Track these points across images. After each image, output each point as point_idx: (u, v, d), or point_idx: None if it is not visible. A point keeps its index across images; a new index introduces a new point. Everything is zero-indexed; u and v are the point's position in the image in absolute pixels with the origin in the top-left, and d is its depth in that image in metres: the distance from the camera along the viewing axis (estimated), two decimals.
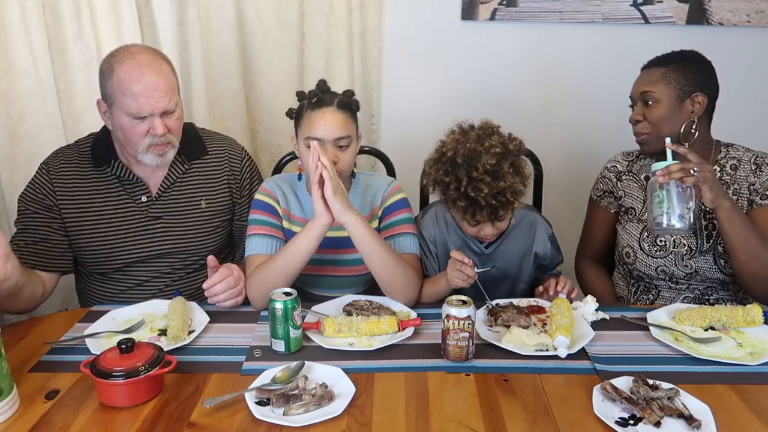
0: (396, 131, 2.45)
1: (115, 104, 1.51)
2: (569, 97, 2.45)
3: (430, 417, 1.11)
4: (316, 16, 2.22)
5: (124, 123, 1.52)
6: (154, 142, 1.53)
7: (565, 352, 1.28)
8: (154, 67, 1.50)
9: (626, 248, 1.73)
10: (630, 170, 1.76)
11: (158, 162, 1.57)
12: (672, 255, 1.67)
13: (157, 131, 1.51)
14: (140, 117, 1.50)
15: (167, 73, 1.54)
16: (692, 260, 1.66)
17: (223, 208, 1.73)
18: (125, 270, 1.65)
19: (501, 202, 1.41)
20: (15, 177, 2.00)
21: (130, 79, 1.48)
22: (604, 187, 1.80)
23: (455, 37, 2.36)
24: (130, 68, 1.48)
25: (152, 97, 1.48)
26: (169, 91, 1.52)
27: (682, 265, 1.66)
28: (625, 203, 1.75)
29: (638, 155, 1.77)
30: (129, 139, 1.54)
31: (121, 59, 1.50)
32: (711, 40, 2.32)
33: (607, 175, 1.79)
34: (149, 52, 1.54)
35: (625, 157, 1.79)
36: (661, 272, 1.69)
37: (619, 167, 1.78)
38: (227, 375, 1.24)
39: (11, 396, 1.12)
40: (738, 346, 1.35)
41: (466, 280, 1.45)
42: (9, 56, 1.94)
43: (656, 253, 1.68)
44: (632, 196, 1.74)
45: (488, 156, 1.40)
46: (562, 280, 1.54)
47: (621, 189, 1.76)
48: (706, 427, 1.07)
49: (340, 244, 1.60)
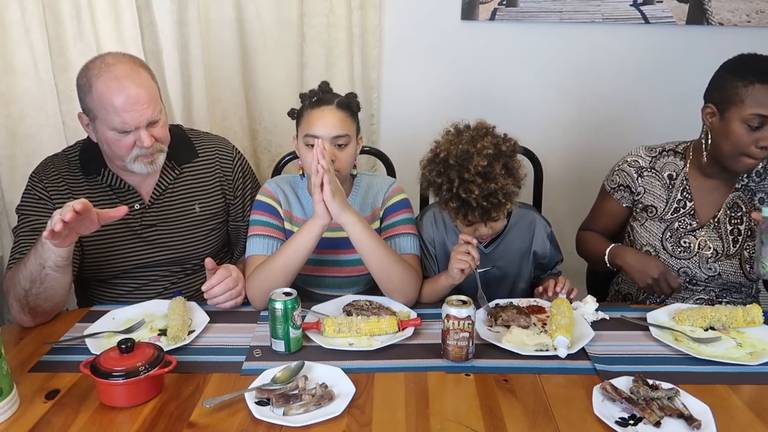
0: (396, 131, 2.45)
1: (98, 119, 1.47)
2: (569, 97, 2.45)
3: (430, 417, 1.11)
4: (316, 16, 2.22)
5: (109, 137, 1.48)
6: (141, 153, 1.50)
7: (565, 352, 1.28)
8: (134, 78, 1.45)
9: (646, 247, 1.69)
10: (653, 167, 1.69)
11: (149, 170, 1.54)
12: (696, 257, 1.64)
13: (144, 143, 1.47)
14: (125, 131, 1.46)
15: (147, 82, 1.49)
16: (717, 263, 1.64)
17: (218, 211, 1.72)
18: (123, 276, 1.64)
19: (492, 204, 1.41)
20: (15, 177, 2.01)
21: (110, 93, 1.43)
22: (620, 181, 1.73)
23: (455, 37, 2.36)
24: (109, 82, 1.43)
25: (135, 111, 1.44)
26: (151, 101, 1.47)
27: (705, 268, 1.64)
28: (644, 200, 1.70)
29: (661, 152, 1.70)
30: (115, 152, 1.51)
31: (98, 73, 1.45)
32: (711, 40, 2.33)
33: (627, 169, 1.71)
34: (126, 62, 1.48)
35: (648, 153, 1.71)
36: (683, 273, 1.66)
37: (641, 162, 1.70)
38: (227, 375, 1.24)
39: (11, 396, 1.12)
40: (738, 346, 1.35)
41: (471, 262, 1.45)
42: (9, 56, 1.94)
43: (680, 254, 1.65)
44: (653, 194, 1.69)
45: (480, 157, 1.40)
46: (562, 280, 1.54)
47: (641, 185, 1.70)
48: (706, 427, 1.06)
49: (340, 245, 1.60)
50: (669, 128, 2.40)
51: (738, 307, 1.44)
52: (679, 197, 1.67)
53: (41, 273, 1.36)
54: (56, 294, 1.42)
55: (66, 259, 1.37)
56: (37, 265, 1.36)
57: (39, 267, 1.36)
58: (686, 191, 1.67)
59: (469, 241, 1.46)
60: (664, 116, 2.43)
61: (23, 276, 1.38)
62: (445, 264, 1.51)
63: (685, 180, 1.67)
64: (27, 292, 1.39)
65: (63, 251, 1.34)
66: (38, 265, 1.36)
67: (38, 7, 1.93)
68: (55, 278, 1.38)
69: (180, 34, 2.14)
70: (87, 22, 2.00)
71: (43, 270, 1.36)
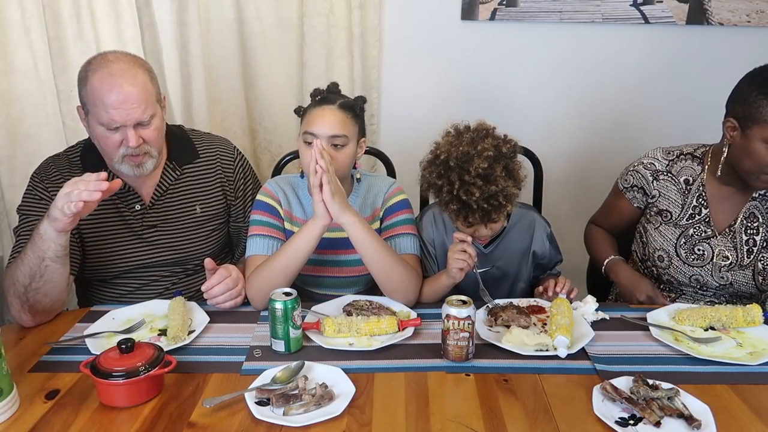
0: (396, 131, 2.45)
1: (90, 113, 1.48)
2: (569, 96, 2.45)
3: (430, 417, 1.11)
4: (316, 16, 2.22)
5: (98, 132, 1.49)
6: (128, 153, 1.49)
7: (565, 352, 1.28)
8: (128, 77, 1.45)
9: (659, 251, 1.68)
10: (669, 170, 1.66)
11: (135, 173, 1.53)
12: (710, 265, 1.63)
13: (129, 143, 1.47)
14: (113, 128, 1.46)
15: (142, 83, 1.48)
16: (729, 272, 1.63)
17: (219, 212, 1.72)
18: (124, 276, 1.64)
19: (493, 206, 1.41)
20: (15, 177, 2.01)
21: (101, 89, 1.43)
22: (634, 181, 1.70)
23: (455, 37, 2.36)
24: (103, 78, 1.44)
25: (123, 109, 1.44)
26: (142, 102, 1.46)
27: (718, 276, 1.63)
28: (659, 204, 1.68)
29: (678, 155, 1.67)
30: (104, 148, 1.51)
31: (95, 68, 1.46)
32: (711, 40, 2.33)
33: (642, 171, 1.68)
34: (126, 60, 1.49)
35: (665, 156, 1.67)
36: (694, 280, 1.65)
37: (657, 165, 1.67)
38: (227, 375, 1.24)
39: (11, 396, 1.12)
40: (738, 346, 1.35)
41: (468, 260, 1.45)
42: (9, 56, 1.94)
43: (693, 261, 1.64)
44: (669, 198, 1.66)
45: (480, 160, 1.40)
46: (561, 281, 1.54)
47: (656, 188, 1.67)
48: (706, 427, 1.06)
49: (340, 245, 1.60)
50: (669, 128, 2.42)
51: (738, 307, 1.44)
52: (695, 203, 1.64)
53: (41, 266, 1.37)
54: (56, 288, 1.43)
55: (65, 249, 1.37)
56: (36, 258, 1.36)
57: (38, 260, 1.36)
58: (702, 198, 1.64)
59: (463, 239, 1.46)
60: (664, 116, 2.43)
61: (22, 272, 1.38)
62: (444, 264, 1.51)
63: (701, 186, 1.64)
64: (27, 287, 1.39)
65: (62, 239, 1.35)
66: (37, 258, 1.36)
67: (38, 7, 1.93)
68: (55, 270, 1.39)
69: (180, 34, 2.14)
70: (87, 22, 2.00)
71: (42, 262, 1.36)
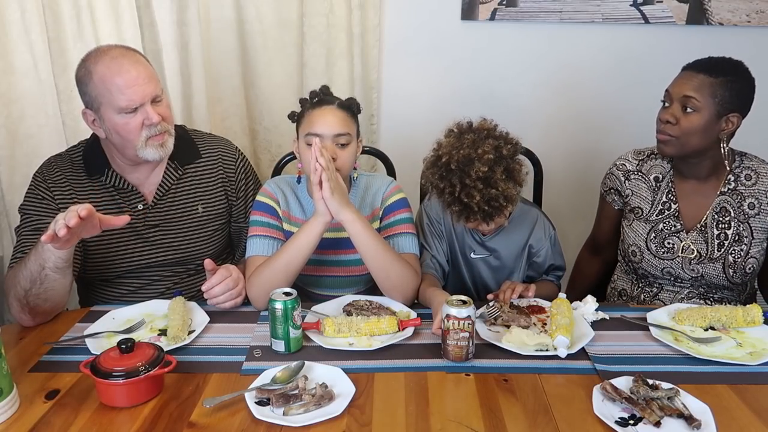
0: (396, 131, 2.45)
1: (103, 105, 1.48)
2: (569, 97, 2.44)
3: (430, 417, 1.11)
4: (316, 16, 2.22)
5: (117, 122, 1.49)
6: (151, 134, 1.51)
7: (565, 352, 1.28)
8: (129, 57, 1.49)
9: (632, 247, 1.72)
10: (639, 170, 1.73)
11: (160, 153, 1.54)
12: (679, 259, 1.66)
13: (152, 120, 1.49)
14: (132, 109, 1.47)
15: (144, 62, 1.52)
16: (699, 265, 1.65)
17: (220, 212, 1.72)
18: (125, 276, 1.64)
19: (494, 207, 1.42)
20: (15, 177, 2.00)
21: (110, 73, 1.46)
22: (610, 184, 1.78)
23: (455, 37, 2.36)
24: (108, 63, 1.47)
25: (138, 86, 1.47)
26: (152, 77, 1.51)
27: (688, 269, 1.66)
28: (631, 202, 1.74)
29: (649, 155, 1.74)
30: (125, 137, 1.51)
31: (95, 59, 1.48)
32: (711, 40, 2.32)
33: (615, 173, 1.76)
34: (121, 47, 1.53)
35: (636, 156, 1.75)
36: (666, 273, 1.69)
37: (628, 166, 1.74)
38: (227, 375, 1.24)
39: (11, 396, 1.12)
40: (738, 346, 1.35)
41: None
42: (9, 56, 1.94)
43: (663, 254, 1.68)
44: (640, 195, 1.72)
45: (481, 163, 1.40)
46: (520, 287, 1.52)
47: (628, 188, 1.74)
48: (706, 427, 1.07)
49: (340, 245, 1.60)
50: None
51: (738, 307, 1.45)
52: (665, 199, 1.69)
53: (41, 274, 1.36)
54: (56, 294, 1.43)
55: (66, 261, 1.37)
56: (37, 266, 1.36)
57: (39, 268, 1.36)
58: (672, 194, 1.69)
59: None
60: None
61: (23, 276, 1.38)
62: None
63: (671, 182, 1.69)
64: (27, 292, 1.39)
65: (63, 253, 1.34)
66: (38, 266, 1.36)
67: (38, 7, 1.93)
68: (55, 279, 1.39)
69: (180, 34, 2.14)
70: (87, 22, 2.00)
71: (42, 271, 1.36)
